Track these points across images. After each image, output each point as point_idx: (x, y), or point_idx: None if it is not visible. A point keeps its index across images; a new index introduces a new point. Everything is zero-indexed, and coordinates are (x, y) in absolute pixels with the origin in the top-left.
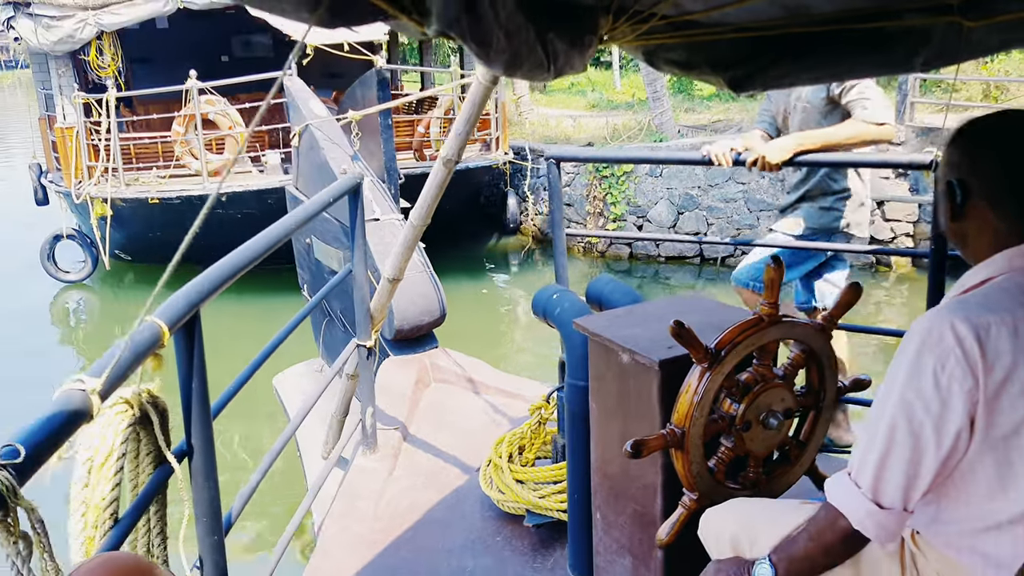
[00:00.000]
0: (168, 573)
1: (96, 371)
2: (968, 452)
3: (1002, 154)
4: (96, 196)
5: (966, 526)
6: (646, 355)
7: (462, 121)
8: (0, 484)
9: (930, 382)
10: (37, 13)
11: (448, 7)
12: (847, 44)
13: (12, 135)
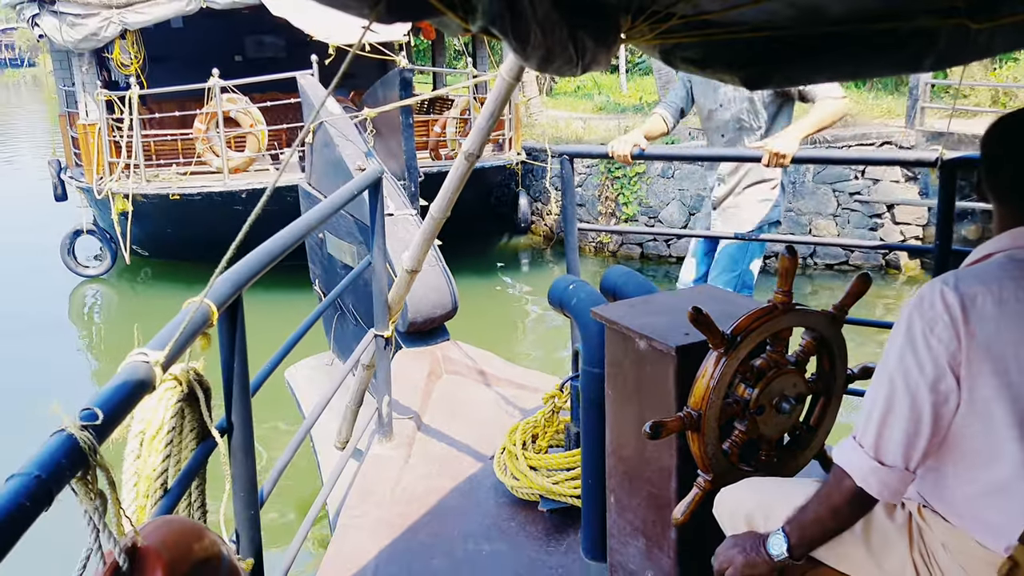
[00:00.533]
0: (216, 536)
1: (156, 345)
2: (957, 415)
3: (1019, 146)
4: (117, 192)
5: (965, 493)
6: (663, 341)
7: (484, 116)
8: (83, 443)
9: (922, 345)
10: (62, 11)
11: (493, 5)
12: (858, 45)
13: (20, 132)
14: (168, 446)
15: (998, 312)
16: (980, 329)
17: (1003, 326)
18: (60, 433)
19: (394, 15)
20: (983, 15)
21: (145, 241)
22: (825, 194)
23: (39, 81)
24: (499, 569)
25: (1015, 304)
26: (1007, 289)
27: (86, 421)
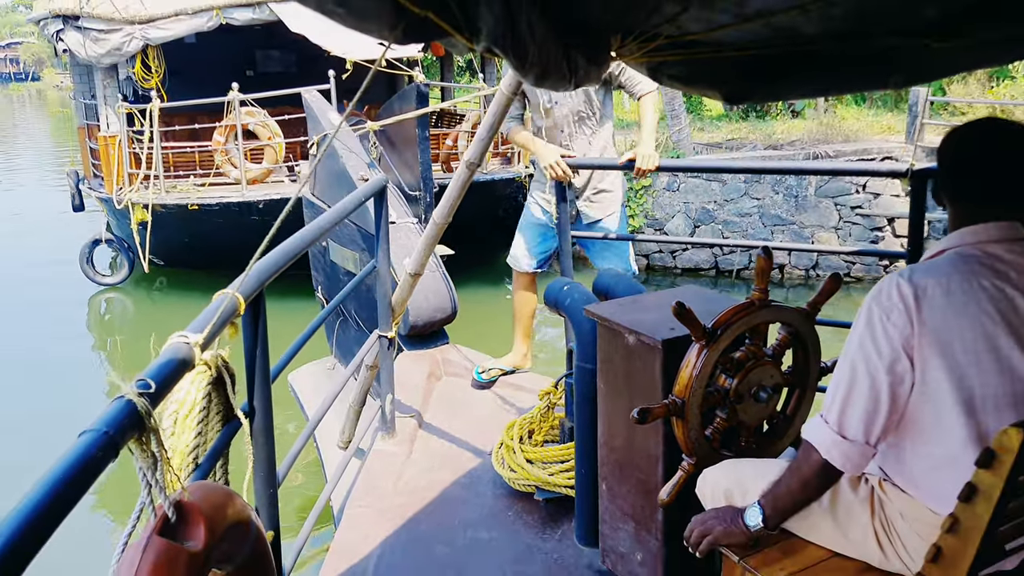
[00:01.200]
0: (246, 503)
1: (195, 329)
2: (912, 394)
3: (958, 157)
4: (137, 202)
5: (920, 467)
6: (650, 336)
7: (485, 127)
8: (140, 408)
9: (880, 331)
10: (86, 27)
11: (496, 27)
12: (830, 62)
13: (24, 144)
14: (199, 424)
15: (946, 302)
16: (930, 316)
17: (949, 314)
18: (120, 399)
19: (409, 37)
20: (943, 36)
21: (161, 250)
22: (827, 207)
23: (43, 95)
24: (497, 555)
25: (960, 295)
26: (954, 281)
27: (141, 389)
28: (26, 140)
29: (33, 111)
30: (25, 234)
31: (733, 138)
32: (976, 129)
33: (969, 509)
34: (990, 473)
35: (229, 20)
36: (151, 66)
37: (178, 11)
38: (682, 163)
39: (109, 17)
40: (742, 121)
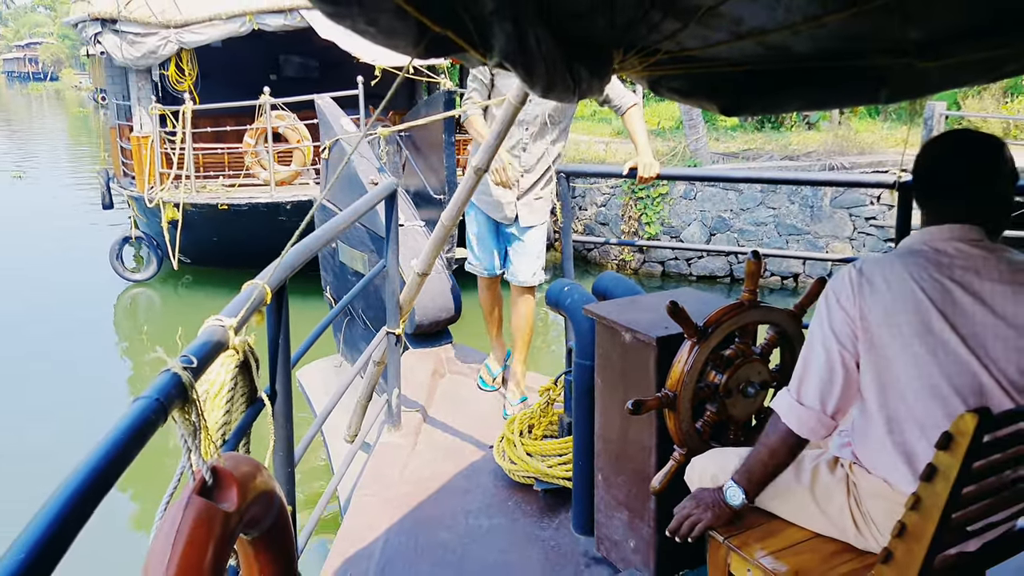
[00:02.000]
0: (270, 474)
1: (229, 313)
2: (861, 375)
3: (930, 167)
4: (168, 201)
5: (878, 448)
6: (646, 333)
7: (493, 135)
8: (184, 380)
9: (835, 310)
10: (123, 30)
11: (507, 44)
12: (822, 78)
13: (46, 143)
14: (227, 403)
15: (886, 289)
16: (872, 302)
17: (888, 300)
18: (167, 371)
19: (430, 53)
20: (927, 56)
21: (189, 249)
22: (842, 218)
23: (61, 95)
24: (498, 541)
25: (898, 284)
26: (896, 271)
27: (185, 364)
28: (47, 139)
29: (53, 110)
30: (51, 230)
31: (749, 148)
32: (946, 139)
33: (930, 488)
34: (948, 455)
35: (262, 25)
36: (184, 69)
37: (212, 16)
38: (680, 171)
39: (146, 21)
40: (757, 132)
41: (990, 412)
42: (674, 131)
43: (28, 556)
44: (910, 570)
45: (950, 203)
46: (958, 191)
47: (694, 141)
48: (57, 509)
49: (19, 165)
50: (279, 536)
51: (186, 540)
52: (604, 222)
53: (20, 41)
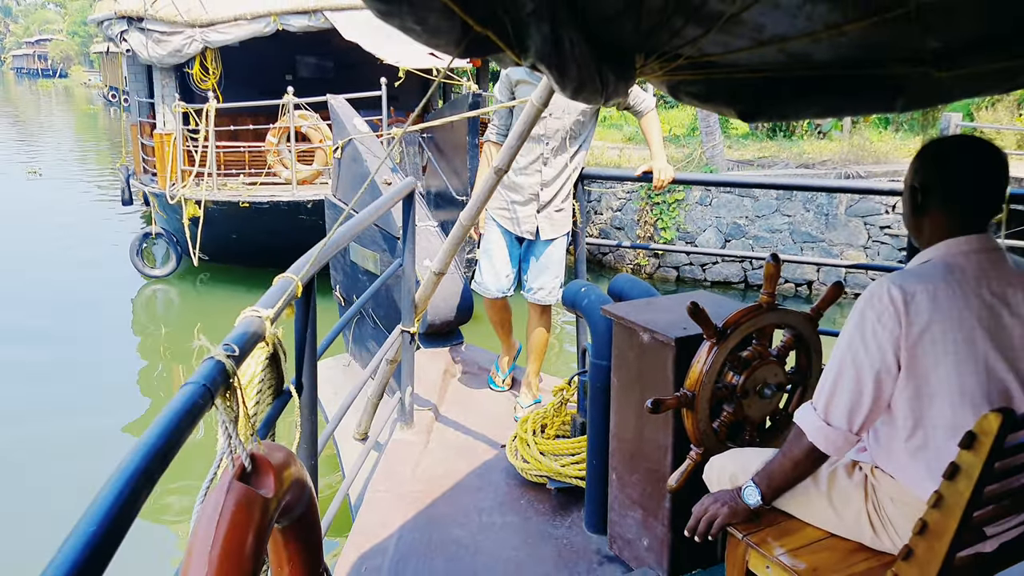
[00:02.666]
0: (302, 464)
1: (265, 305)
2: (896, 389)
3: (947, 173)
4: (190, 198)
5: (904, 455)
6: (664, 334)
7: (514, 136)
8: (227, 367)
9: (870, 331)
10: (149, 28)
11: (543, 46)
12: (840, 87)
13: (46, 142)
14: (258, 394)
15: (932, 306)
16: (917, 319)
17: (935, 318)
18: (211, 359)
19: (469, 52)
20: (944, 66)
21: (209, 246)
22: (856, 227)
23: (70, 92)
24: (511, 538)
25: (945, 300)
26: (940, 288)
27: (228, 352)
28: (58, 136)
29: (64, 107)
30: (66, 226)
31: (764, 156)
32: (959, 147)
33: (952, 487)
34: (971, 454)
35: (286, 26)
36: (208, 68)
37: (237, 16)
38: (695, 176)
39: (172, 20)
40: (769, 140)
41: (1013, 412)
42: (687, 137)
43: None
44: (931, 567)
45: (971, 213)
46: (978, 201)
47: (710, 148)
48: (119, 488)
49: (34, 161)
50: (308, 525)
51: (228, 523)
52: (620, 226)
53: (30, 37)
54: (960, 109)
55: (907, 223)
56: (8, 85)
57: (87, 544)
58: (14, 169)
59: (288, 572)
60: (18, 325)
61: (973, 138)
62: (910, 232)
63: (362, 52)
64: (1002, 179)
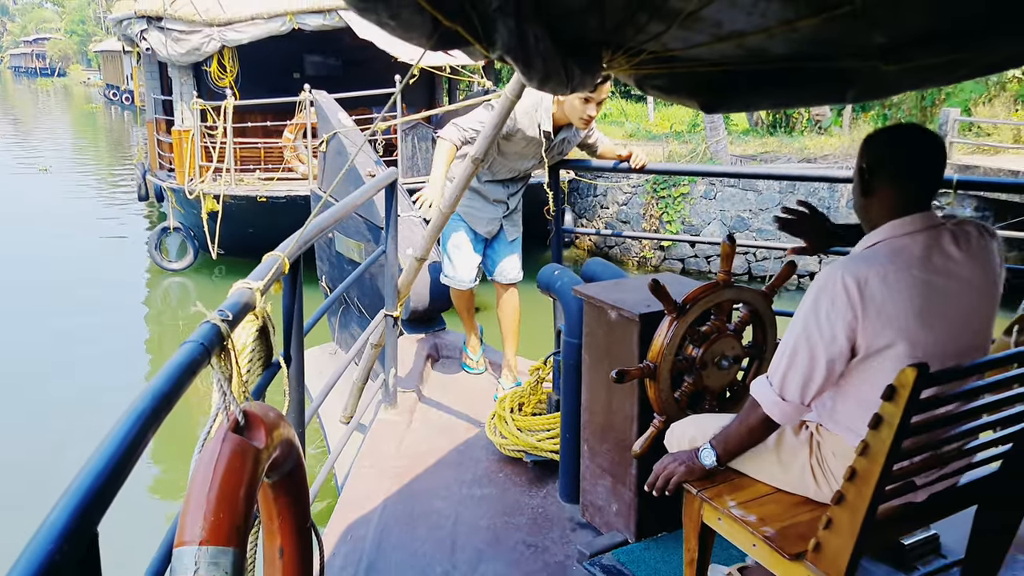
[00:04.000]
0: (290, 424)
1: (255, 277)
2: (849, 366)
3: (896, 154)
4: (208, 193)
5: (850, 416)
6: (630, 311)
7: (490, 126)
8: (222, 330)
9: (824, 316)
10: (168, 27)
11: (509, 39)
12: (794, 79)
13: (44, 139)
14: (249, 363)
15: (884, 288)
16: (872, 302)
17: (888, 298)
18: (207, 323)
19: (440, 45)
20: (892, 59)
21: (225, 239)
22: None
23: (69, 90)
24: (489, 508)
25: (895, 282)
26: (889, 270)
27: (222, 317)
28: (62, 134)
29: (65, 106)
30: (82, 221)
31: (767, 151)
32: (904, 133)
33: (876, 435)
34: (891, 405)
35: (302, 25)
36: (226, 66)
37: (254, 15)
38: (670, 167)
39: (190, 19)
40: (769, 136)
41: (927, 367)
42: (688, 133)
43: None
44: (859, 511)
45: (916, 194)
46: (924, 183)
47: (715, 143)
48: (131, 423)
49: (41, 158)
50: (296, 482)
51: (224, 469)
52: (625, 220)
53: (27, 36)
54: (958, 105)
55: (855, 204)
56: (6, 84)
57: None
58: (22, 166)
59: (278, 525)
60: (44, 310)
61: (916, 125)
62: (858, 214)
63: (369, 50)
64: (941, 162)
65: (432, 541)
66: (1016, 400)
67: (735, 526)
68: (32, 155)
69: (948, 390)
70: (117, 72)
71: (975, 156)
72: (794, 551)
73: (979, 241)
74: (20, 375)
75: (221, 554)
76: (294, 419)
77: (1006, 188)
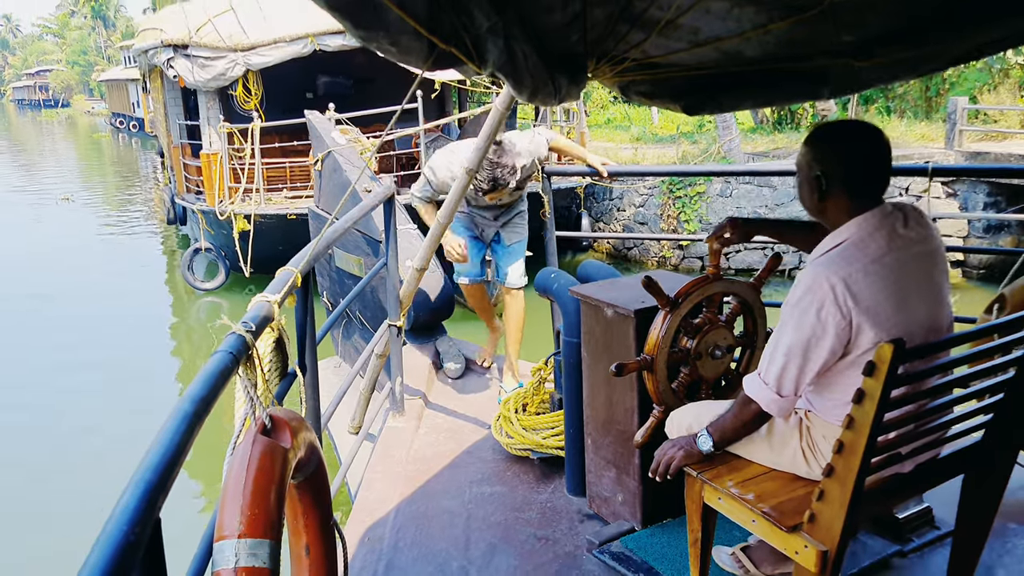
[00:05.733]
0: (311, 428)
1: (272, 291)
2: (841, 360)
3: (846, 156)
4: (240, 213)
5: (839, 403)
6: (625, 308)
7: (482, 138)
8: (247, 339)
9: (814, 318)
10: (194, 55)
11: (499, 58)
12: (771, 79)
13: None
14: (267, 373)
15: (867, 281)
16: (859, 298)
17: (871, 290)
18: (233, 334)
19: (436, 66)
20: (863, 56)
21: (255, 258)
22: None
23: (73, 120)
24: (499, 505)
25: (875, 274)
26: (867, 265)
27: (246, 328)
28: (77, 163)
29: (74, 136)
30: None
31: (778, 148)
32: (850, 132)
33: (860, 409)
34: (872, 380)
35: (322, 47)
36: (251, 89)
37: (277, 39)
38: (629, 168)
39: (215, 45)
40: (777, 133)
41: (903, 343)
42: (695, 134)
43: (165, 455)
44: (848, 481)
45: (875, 191)
46: (877, 178)
47: (728, 142)
48: (175, 427)
49: (58, 187)
50: (319, 482)
51: (256, 468)
52: (643, 221)
53: (29, 69)
54: (963, 93)
55: (809, 206)
56: (11, 117)
57: (162, 458)
58: (41, 198)
59: (303, 523)
60: (86, 341)
61: (859, 122)
62: (813, 215)
63: (378, 68)
64: (889, 156)
65: (446, 539)
66: (996, 371)
67: (735, 504)
68: (49, 185)
69: (927, 363)
70: (123, 101)
71: (983, 143)
72: (791, 523)
73: (920, 219)
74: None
75: (259, 546)
76: (312, 424)
77: (986, 173)
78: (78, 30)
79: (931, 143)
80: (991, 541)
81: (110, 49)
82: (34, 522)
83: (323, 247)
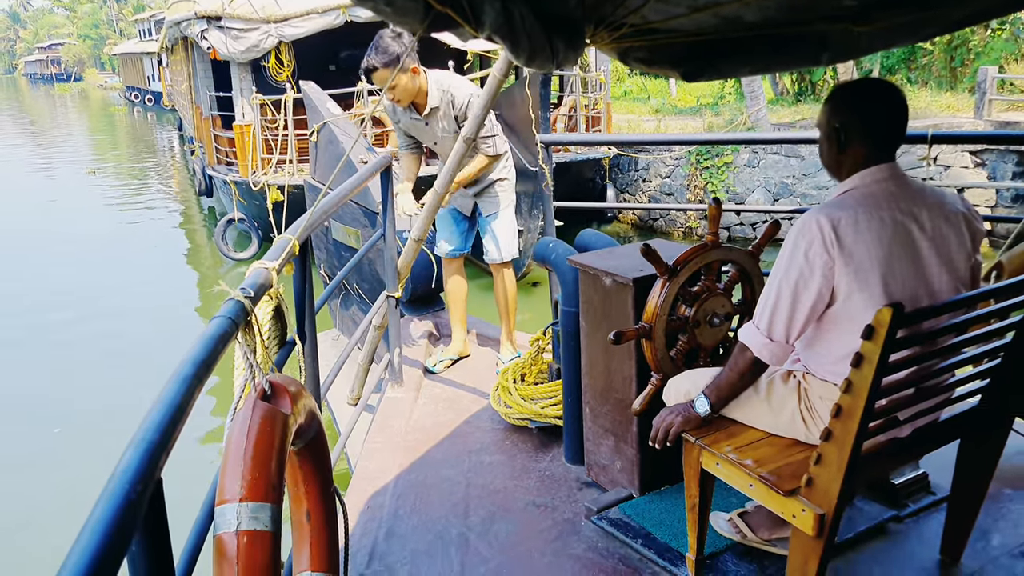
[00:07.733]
0: (311, 395)
1: (270, 258)
2: (829, 311)
3: (866, 110)
4: (274, 183)
5: (832, 358)
6: (624, 276)
7: (479, 107)
8: (245, 305)
9: (803, 259)
10: (227, 26)
11: (495, 20)
12: (770, 45)
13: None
14: (267, 340)
15: (855, 230)
16: (844, 243)
17: (859, 240)
18: (231, 300)
19: (432, 28)
20: (862, 21)
21: (285, 227)
22: None
23: (87, 94)
24: (499, 473)
25: (865, 224)
26: (860, 214)
27: (244, 294)
28: (97, 137)
29: (89, 110)
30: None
31: (804, 118)
32: (871, 89)
33: (858, 372)
34: (871, 343)
35: (354, 18)
36: (283, 60)
37: (309, 10)
38: (650, 138)
39: (248, 17)
40: (798, 103)
41: (902, 307)
42: (715, 106)
43: (165, 415)
44: (846, 445)
45: (884, 146)
46: (891, 134)
47: (755, 112)
48: (176, 388)
49: (82, 159)
50: (319, 449)
51: (257, 433)
52: (669, 192)
53: (40, 43)
54: (990, 63)
55: (827, 160)
56: (23, 92)
57: (162, 419)
58: (68, 169)
59: (304, 490)
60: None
61: (880, 80)
62: (829, 169)
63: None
64: (906, 115)
65: (446, 506)
66: (992, 335)
67: (733, 469)
68: (74, 158)
69: (925, 328)
70: (138, 74)
71: (1011, 112)
72: (788, 488)
73: (935, 193)
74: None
75: (260, 509)
76: (312, 392)
77: (980, 140)
78: (89, 3)
79: (959, 112)
80: (986, 506)
81: (122, 23)
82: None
83: (320, 215)
